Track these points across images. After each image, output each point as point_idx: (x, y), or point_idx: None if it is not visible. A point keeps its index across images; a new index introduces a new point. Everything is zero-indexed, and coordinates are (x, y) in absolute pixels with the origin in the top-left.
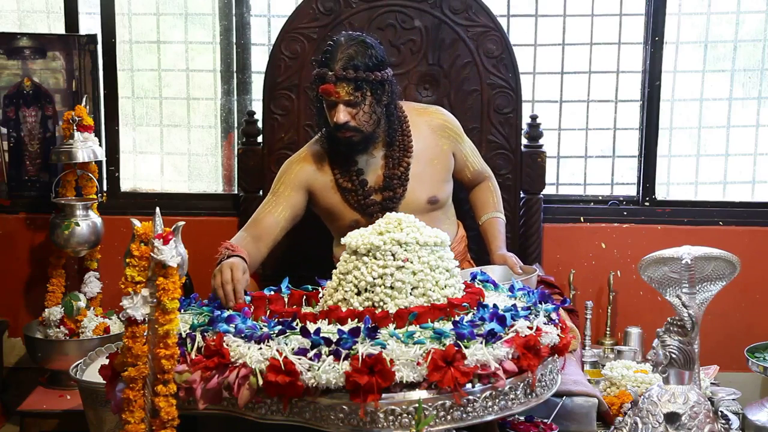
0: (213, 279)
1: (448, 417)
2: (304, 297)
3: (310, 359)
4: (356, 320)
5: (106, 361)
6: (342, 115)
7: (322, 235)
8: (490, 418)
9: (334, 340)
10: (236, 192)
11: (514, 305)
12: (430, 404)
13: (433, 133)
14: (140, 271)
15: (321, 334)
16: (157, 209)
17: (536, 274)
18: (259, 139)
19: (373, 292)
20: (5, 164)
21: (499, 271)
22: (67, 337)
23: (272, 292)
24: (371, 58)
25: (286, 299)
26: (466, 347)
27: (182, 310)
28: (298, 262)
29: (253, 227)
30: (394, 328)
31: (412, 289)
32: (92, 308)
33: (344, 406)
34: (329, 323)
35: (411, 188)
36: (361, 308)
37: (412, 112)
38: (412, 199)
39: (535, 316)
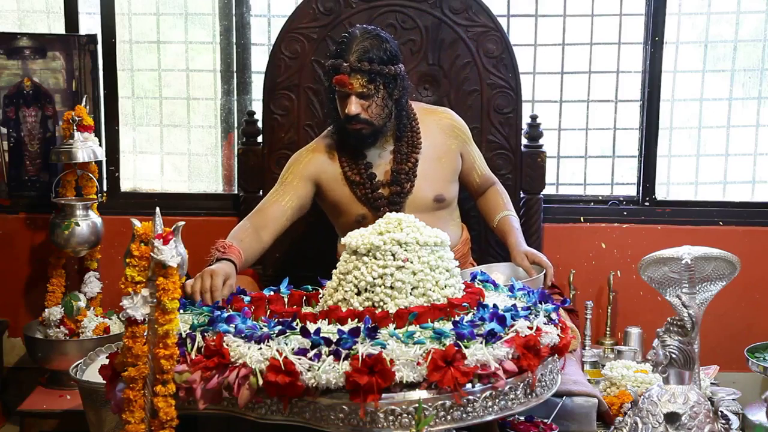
0: (194, 282)
1: (448, 417)
2: (304, 297)
3: (310, 359)
4: (356, 320)
5: (106, 361)
6: (354, 106)
7: (324, 234)
8: (490, 418)
9: (334, 340)
10: (236, 192)
11: (514, 305)
12: (430, 404)
13: (442, 132)
14: (140, 271)
15: (321, 334)
16: (157, 209)
17: (542, 275)
18: (259, 139)
19: (373, 292)
20: (5, 164)
21: (503, 268)
22: (67, 337)
23: (272, 292)
24: (385, 51)
25: (285, 299)
26: (466, 347)
27: (182, 310)
28: (299, 262)
29: (257, 216)
30: (394, 328)
31: (412, 289)
32: (92, 308)
33: (344, 406)
34: (329, 323)
35: (418, 185)
36: (361, 308)
37: (421, 111)
38: (420, 196)
39: (535, 316)
